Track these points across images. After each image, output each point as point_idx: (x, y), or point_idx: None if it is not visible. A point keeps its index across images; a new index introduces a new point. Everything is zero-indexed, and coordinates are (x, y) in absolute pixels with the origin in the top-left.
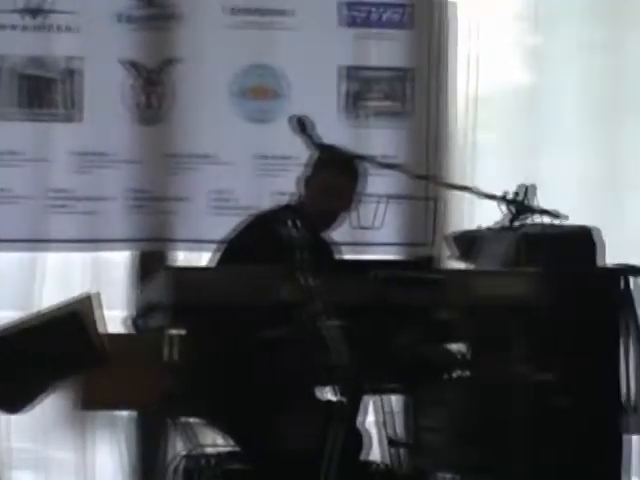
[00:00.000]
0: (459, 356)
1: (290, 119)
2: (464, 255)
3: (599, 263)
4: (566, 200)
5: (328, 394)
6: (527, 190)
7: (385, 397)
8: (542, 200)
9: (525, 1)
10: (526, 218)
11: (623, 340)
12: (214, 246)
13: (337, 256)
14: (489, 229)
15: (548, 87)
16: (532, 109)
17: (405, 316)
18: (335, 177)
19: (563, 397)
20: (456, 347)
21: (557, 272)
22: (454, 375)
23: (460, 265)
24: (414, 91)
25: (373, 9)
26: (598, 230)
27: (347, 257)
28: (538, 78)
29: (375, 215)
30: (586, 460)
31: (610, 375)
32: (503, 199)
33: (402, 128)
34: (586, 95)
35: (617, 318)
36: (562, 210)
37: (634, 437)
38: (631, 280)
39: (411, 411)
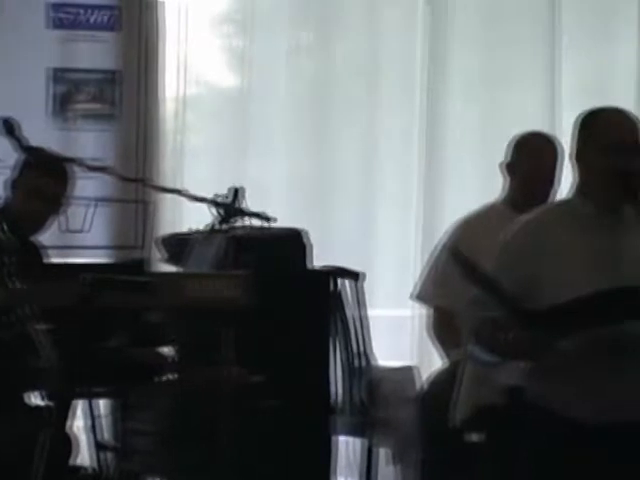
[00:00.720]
0: (169, 359)
1: None
2: (174, 258)
3: (308, 265)
4: (275, 202)
5: (37, 399)
6: (236, 193)
7: (94, 401)
8: (251, 203)
9: (233, 4)
10: (236, 221)
11: (332, 342)
12: None
13: (46, 259)
14: (199, 232)
15: (256, 90)
16: (240, 111)
17: (114, 319)
18: (43, 179)
19: (273, 399)
20: (166, 350)
21: (267, 274)
22: (164, 378)
23: (170, 268)
24: (123, 93)
25: (81, 11)
26: (307, 232)
27: (56, 260)
28: (246, 81)
29: (84, 218)
30: (296, 461)
31: (320, 377)
32: (213, 202)
33: (111, 130)
34: (293, 98)
35: (327, 320)
36: (271, 212)
37: (340, 437)
38: (340, 282)
39: (120, 415)
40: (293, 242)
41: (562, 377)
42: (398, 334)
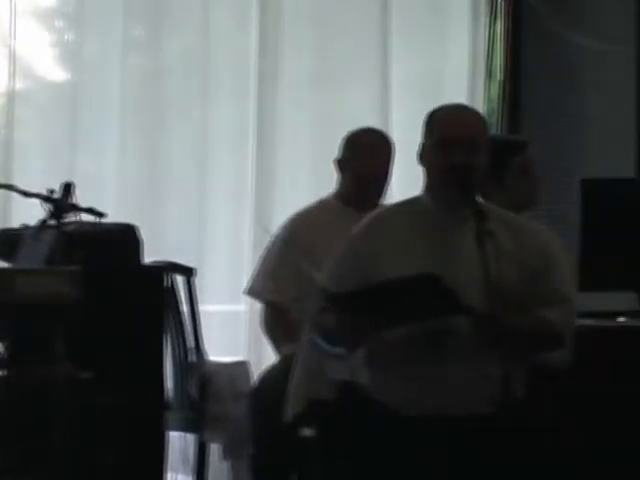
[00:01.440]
0: None
1: None
2: (4, 253)
3: (142, 260)
4: (107, 198)
5: None
6: (68, 188)
7: None
8: (82, 198)
9: None
10: (67, 216)
11: (166, 337)
12: None
13: None
14: (29, 227)
15: (87, 84)
16: (71, 106)
17: None
18: None
19: (107, 395)
20: None
21: (99, 270)
22: None
23: (0, 264)
24: None
25: None
26: (138, 228)
27: None
28: (77, 75)
29: None
30: (130, 457)
31: (154, 372)
32: (43, 197)
33: None
34: (125, 93)
35: (160, 315)
36: (102, 208)
37: (174, 433)
38: (173, 277)
39: None
40: (126, 237)
41: (388, 370)
42: (231, 329)
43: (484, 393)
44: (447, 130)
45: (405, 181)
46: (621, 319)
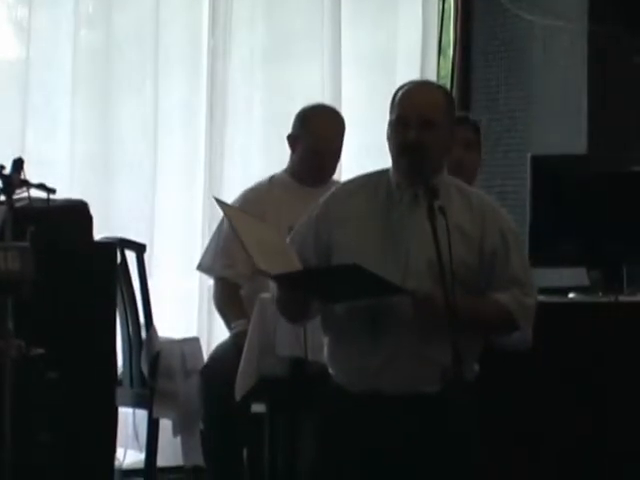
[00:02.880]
0: None
1: None
2: None
3: (92, 237)
4: (57, 173)
5: None
6: (18, 163)
7: None
8: (33, 174)
9: None
10: (18, 192)
11: (117, 313)
12: None
13: None
14: None
15: (37, 61)
16: (21, 83)
17: None
18: None
19: (57, 371)
20: None
21: (50, 245)
22: None
23: None
24: None
25: None
26: (89, 204)
27: None
28: (28, 50)
29: None
30: (82, 433)
31: (106, 348)
32: None
33: None
34: (76, 69)
35: (113, 291)
36: (53, 183)
37: (125, 409)
38: (125, 253)
39: None
40: (77, 213)
41: (336, 344)
42: (183, 306)
43: (422, 373)
44: (401, 108)
45: (357, 157)
46: (571, 295)
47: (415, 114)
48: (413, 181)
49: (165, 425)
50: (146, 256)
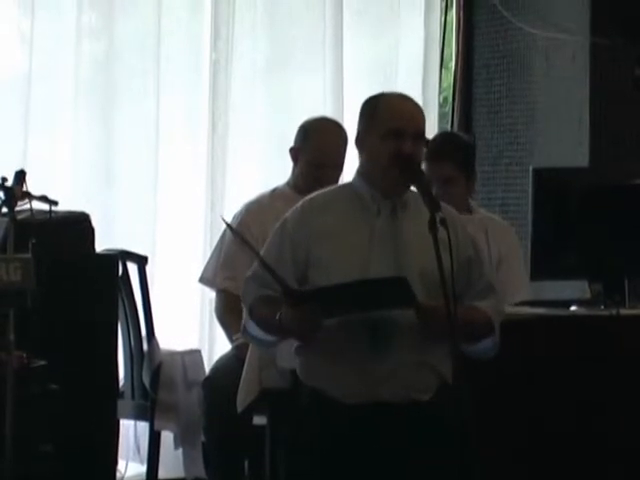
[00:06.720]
0: None
1: None
2: None
3: (94, 249)
4: (59, 184)
5: None
6: (20, 175)
7: None
8: (35, 185)
9: None
10: (20, 204)
11: (119, 325)
12: None
13: None
14: None
15: (40, 72)
16: (24, 93)
17: None
18: None
19: (59, 383)
20: None
21: (53, 258)
22: None
23: None
24: None
25: None
26: (91, 216)
27: None
28: (30, 63)
29: None
30: (83, 445)
31: (107, 360)
32: None
33: None
34: (78, 80)
35: (114, 303)
36: (55, 194)
37: (127, 421)
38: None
39: None
40: (80, 225)
41: (326, 358)
42: (184, 318)
43: (421, 381)
44: (397, 120)
45: None
46: (573, 308)
47: (412, 126)
48: (397, 191)
49: (167, 437)
50: (148, 268)
